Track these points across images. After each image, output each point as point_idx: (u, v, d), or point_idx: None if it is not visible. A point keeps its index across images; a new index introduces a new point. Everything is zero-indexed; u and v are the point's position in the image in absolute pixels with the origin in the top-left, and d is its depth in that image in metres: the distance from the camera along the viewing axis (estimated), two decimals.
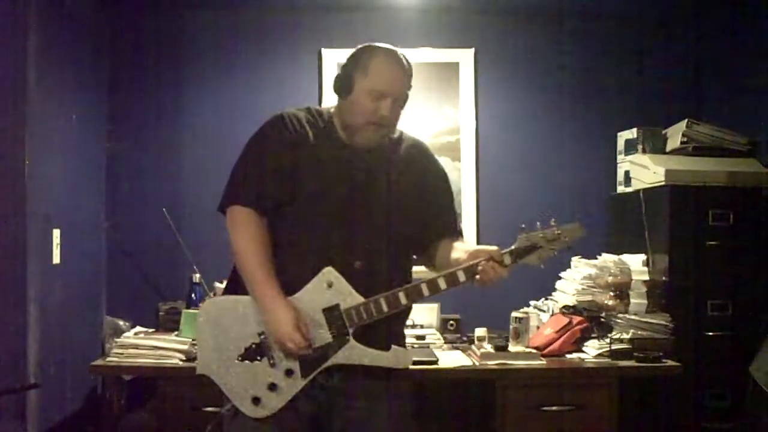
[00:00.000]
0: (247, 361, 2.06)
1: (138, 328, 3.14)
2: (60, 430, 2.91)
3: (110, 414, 3.20)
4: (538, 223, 2.05)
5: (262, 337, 2.05)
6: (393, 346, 2.07)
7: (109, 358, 2.84)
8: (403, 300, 2.05)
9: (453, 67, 3.67)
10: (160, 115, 3.61)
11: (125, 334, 3.04)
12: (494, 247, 2.04)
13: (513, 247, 2.04)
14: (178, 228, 3.27)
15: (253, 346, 2.06)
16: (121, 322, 3.31)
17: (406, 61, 2.13)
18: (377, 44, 2.14)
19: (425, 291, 2.05)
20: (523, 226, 2.04)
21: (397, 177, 2.17)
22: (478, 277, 2.02)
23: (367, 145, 2.13)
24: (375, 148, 2.15)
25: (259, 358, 2.06)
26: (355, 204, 2.11)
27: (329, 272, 2.04)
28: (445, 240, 2.21)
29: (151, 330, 3.13)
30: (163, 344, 2.82)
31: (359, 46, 2.16)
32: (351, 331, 2.04)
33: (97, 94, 3.47)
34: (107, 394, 3.22)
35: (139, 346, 2.83)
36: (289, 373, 2.05)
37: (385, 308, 2.03)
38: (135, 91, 3.60)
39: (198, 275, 3.22)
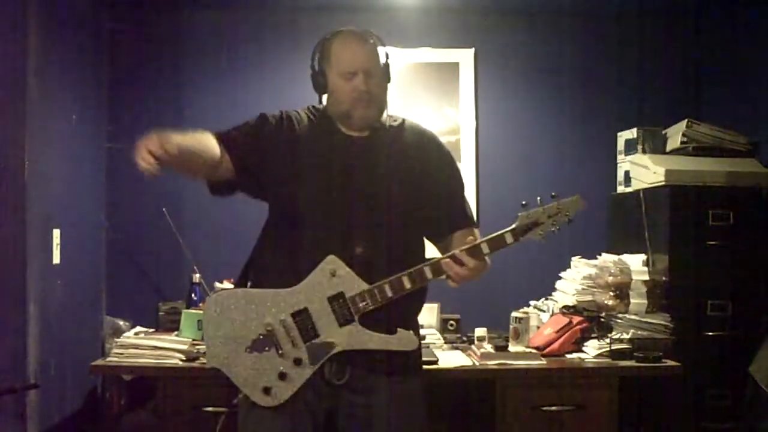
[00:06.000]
0: (255, 352, 2.08)
1: (138, 328, 3.14)
2: (60, 430, 2.90)
3: (110, 414, 3.21)
4: (539, 199, 2.06)
5: (269, 328, 2.07)
6: (399, 329, 2.07)
7: (109, 358, 2.84)
8: (407, 284, 2.05)
9: (453, 67, 3.67)
10: (160, 115, 3.60)
11: (125, 334, 3.04)
12: (467, 246, 2.05)
13: (514, 226, 2.05)
14: (178, 228, 3.26)
15: (261, 337, 2.08)
16: (121, 322, 3.31)
17: (369, 34, 2.17)
18: (334, 31, 2.19)
19: (428, 274, 2.06)
20: (524, 203, 2.05)
21: (398, 162, 2.18)
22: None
23: (366, 125, 2.17)
24: (374, 134, 2.18)
25: (267, 348, 2.07)
26: (354, 190, 2.12)
27: (332, 260, 2.05)
28: (460, 232, 2.20)
29: (151, 330, 3.13)
30: (163, 344, 2.81)
31: (318, 40, 2.20)
32: (357, 317, 2.05)
33: (97, 94, 3.47)
34: (107, 394, 3.23)
35: (139, 346, 2.82)
36: (297, 362, 2.06)
37: (389, 293, 2.04)
38: (135, 91, 3.59)
39: (198, 275, 3.22)
